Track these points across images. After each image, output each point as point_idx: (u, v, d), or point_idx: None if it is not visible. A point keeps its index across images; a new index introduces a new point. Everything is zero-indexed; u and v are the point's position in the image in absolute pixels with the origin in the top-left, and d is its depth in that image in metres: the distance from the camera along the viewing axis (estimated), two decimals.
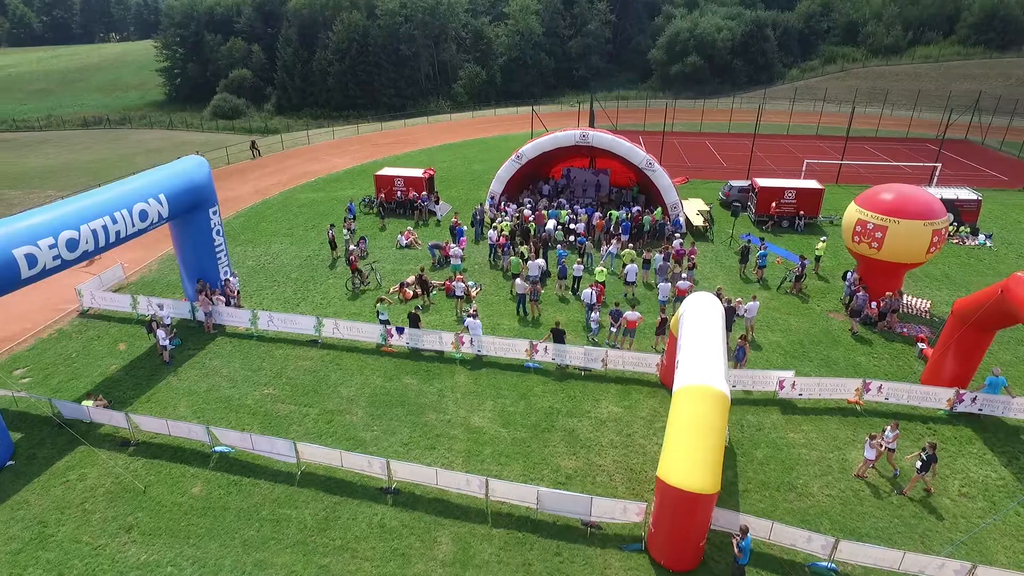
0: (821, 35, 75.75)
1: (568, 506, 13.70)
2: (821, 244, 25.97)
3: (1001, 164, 42.50)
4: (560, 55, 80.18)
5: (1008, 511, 14.04)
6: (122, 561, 12.99)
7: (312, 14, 75.59)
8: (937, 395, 17.35)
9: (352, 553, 13.19)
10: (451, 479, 14.35)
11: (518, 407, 17.84)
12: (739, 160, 44.51)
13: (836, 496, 14.66)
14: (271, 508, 14.31)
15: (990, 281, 25.32)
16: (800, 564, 12.90)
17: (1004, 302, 15.20)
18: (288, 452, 15.18)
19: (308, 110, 73.90)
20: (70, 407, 16.78)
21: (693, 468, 11.97)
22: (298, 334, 21.26)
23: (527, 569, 12.84)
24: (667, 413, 17.09)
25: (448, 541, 13.49)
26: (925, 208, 20.97)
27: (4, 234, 14.96)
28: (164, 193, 19.47)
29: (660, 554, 12.86)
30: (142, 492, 14.75)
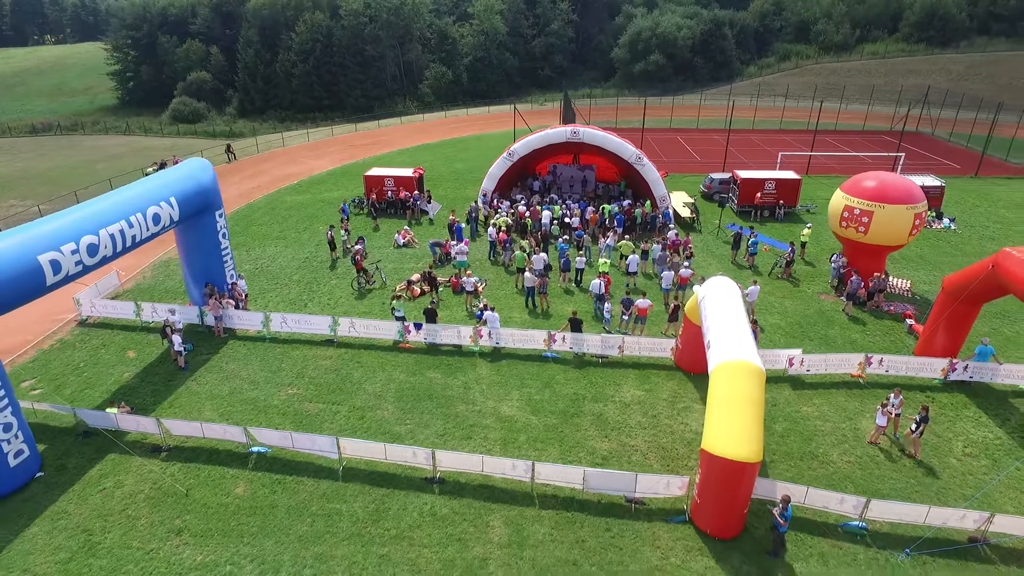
0: (775, 33, 78.66)
1: (614, 484, 14.30)
2: (806, 231, 27.33)
3: (952, 153, 45.17)
4: (524, 55, 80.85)
5: (1010, 469, 15.30)
6: (178, 563, 12.94)
7: (273, 15, 74.20)
8: (932, 365, 18.67)
9: (409, 541, 13.48)
10: (497, 465, 14.77)
11: (544, 395, 18.36)
12: (711, 154, 46.05)
13: (855, 462, 15.69)
14: (320, 504, 14.44)
15: (959, 260, 27.22)
16: (832, 524, 13.82)
17: (995, 276, 16.52)
18: (330, 448, 15.33)
19: (272, 112, 72.48)
20: (95, 415, 16.46)
21: (737, 439, 12.72)
22: (312, 334, 21.25)
23: (581, 545, 13.38)
24: (686, 394, 18.05)
25: (500, 524, 13.91)
26: (907, 193, 22.40)
27: (29, 240, 14.65)
28: (175, 196, 19.23)
29: (706, 523, 13.58)
30: (185, 495, 14.67)
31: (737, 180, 32.63)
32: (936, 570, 12.74)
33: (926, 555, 13.02)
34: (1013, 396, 18.17)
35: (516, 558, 13.06)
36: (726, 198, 32.68)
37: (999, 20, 70.38)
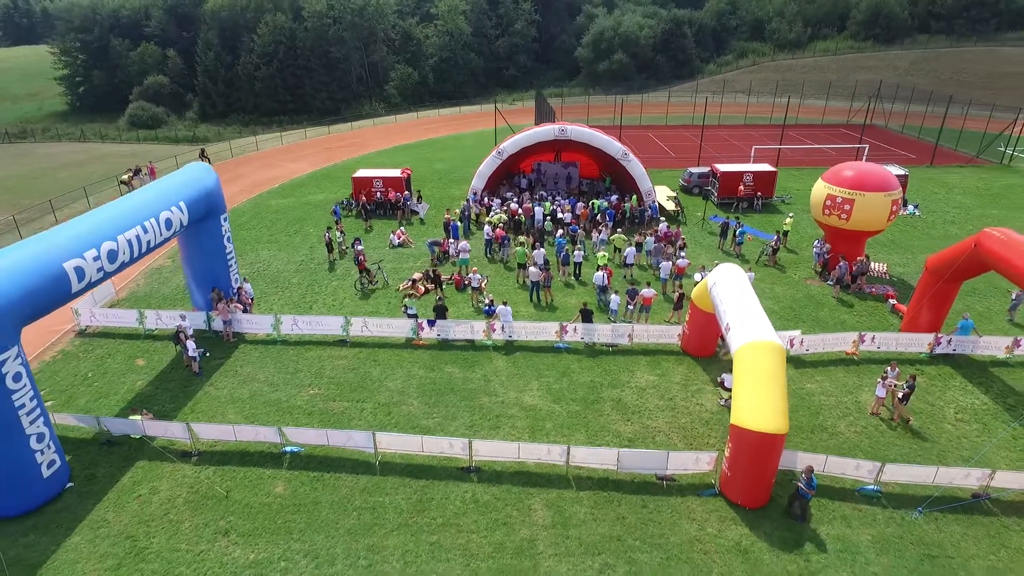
0: (732, 32, 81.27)
1: (646, 463, 15.01)
2: (788, 220, 28.69)
3: (906, 145, 47.77)
4: (489, 55, 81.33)
5: (1003, 434, 16.66)
6: (231, 563, 13.04)
7: (232, 16, 72.72)
8: (919, 340, 20.06)
9: (456, 528, 13.89)
10: (533, 451, 15.30)
11: (562, 384, 18.97)
12: (683, 150, 47.55)
13: (861, 432, 16.82)
14: (363, 498, 14.70)
15: (927, 243, 29.08)
16: (849, 489, 14.84)
17: (978, 254, 17.91)
18: (366, 443, 15.57)
19: (236, 116, 71.00)
20: (121, 423, 16.28)
21: (765, 412, 13.58)
22: (324, 335, 21.34)
23: (622, 522, 14.04)
24: (697, 377, 18.94)
25: (542, 507, 14.45)
26: (884, 182, 23.88)
27: (54, 247, 14.47)
28: (183, 200, 19.10)
29: (736, 495, 14.42)
30: (225, 497, 14.71)
31: (717, 173, 33.92)
32: (947, 524, 13.87)
33: (936, 512, 14.15)
34: (992, 366, 19.69)
35: (562, 537, 13.63)
36: (710, 191, 33.92)
37: (937, 19, 74.41)
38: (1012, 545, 13.35)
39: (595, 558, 13.12)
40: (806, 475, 13.89)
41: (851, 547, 13.32)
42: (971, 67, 67.73)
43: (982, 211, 33.58)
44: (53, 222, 33.17)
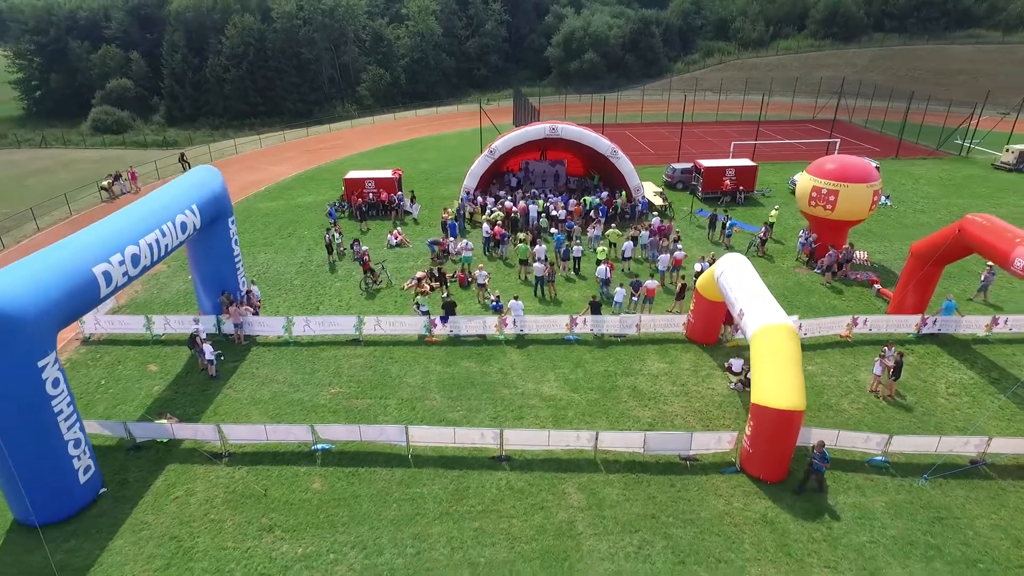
0: (697, 31, 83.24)
1: (671, 444, 15.74)
2: (774, 212, 29.92)
3: (871, 139, 49.91)
4: (460, 55, 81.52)
5: (994, 407, 17.93)
6: (280, 558, 13.26)
7: (198, 18, 71.32)
8: (907, 321, 21.33)
9: (497, 514, 14.37)
10: (562, 437, 15.87)
11: (577, 374, 19.59)
12: (661, 147, 48.73)
13: (863, 408, 17.89)
14: (400, 490, 15.04)
15: (901, 232, 30.73)
16: (859, 461, 15.83)
17: (961, 238, 19.19)
18: (399, 437, 15.93)
19: (205, 120, 69.66)
20: (149, 427, 16.28)
21: (783, 391, 14.43)
22: (336, 335, 21.52)
23: (653, 500, 14.72)
24: (705, 363, 19.80)
25: (575, 491, 15.03)
26: (865, 173, 25.21)
27: (83, 252, 14.44)
28: (196, 204, 19.06)
29: (757, 470, 15.25)
30: (263, 495, 14.88)
31: (700, 169, 35.04)
32: (951, 489, 14.95)
33: (940, 478, 15.23)
34: (974, 343, 21.07)
35: (599, 517, 14.24)
36: (696, 186, 35.01)
37: (891, 18, 77.65)
38: (1010, 504, 14.49)
39: (633, 535, 13.76)
40: (818, 449, 14.79)
41: (868, 514, 14.26)
42: (924, 64, 70.93)
43: (948, 200, 35.48)
44: (35, 230, 32.38)
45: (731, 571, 12.89)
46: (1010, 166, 40.74)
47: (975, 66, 68.87)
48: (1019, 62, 67.88)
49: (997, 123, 46.36)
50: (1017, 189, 37.25)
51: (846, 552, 13.30)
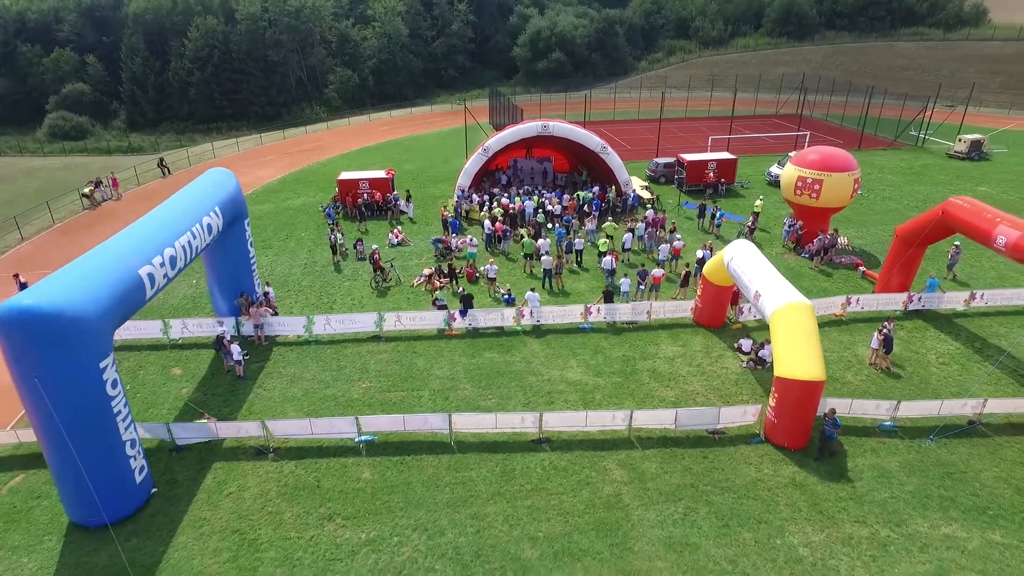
0: (659, 30, 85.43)
1: (701, 419, 16.75)
2: (759, 202, 31.44)
3: (833, 131, 52.40)
4: (427, 56, 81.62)
5: (982, 375, 19.56)
6: (345, 544, 13.68)
7: (158, 20, 69.56)
8: (895, 299, 22.94)
9: (546, 492, 15.08)
10: (599, 418, 16.71)
11: (597, 360, 20.45)
12: (637, 143, 50.11)
13: (865, 380, 19.27)
14: (450, 474, 15.60)
15: (873, 217, 32.71)
16: (870, 427, 17.14)
17: (945, 220, 20.82)
18: (442, 424, 16.48)
19: (169, 124, 68.03)
20: (193, 427, 16.40)
21: (805, 363, 15.58)
22: (356, 332, 21.83)
23: (690, 471, 15.68)
24: (716, 345, 20.93)
25: (616, 467, 15.87)
26: (846, 163, 26.83)
27: (129, 254, 14.51)
28: (218, 206, 19.15)
29: (781, 439, 16.36)
30: (317, 487, 15.22)
31: (684, 163, 36.43)
32: (954, 448, 16.36)
33: (943, 439, 16.64)
34: (954, 317, 22.80)
35: (643, 490, 15.11)
36: (683, 179, 36.35)
37: (841, 16, 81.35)
38: (1008, 458, 15.98)
39: (677, 504, 14.68)
40: (830, 417, 15.99)
41: (885, 473, 15.53)
42: (873, 60, 74.62)
43: (911, 188, 37.79)
44: (19, 240, 31.46)
45: (771, 531, 13.93)
46: (963, 155, 43.55)
47: (920, 62, 72.86)
48: (959, 58, 72.12)
49: (948, 116, 49.35)
50: (971, 176, 39.90)
51: (871, 508, 14.50)
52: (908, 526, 13.99)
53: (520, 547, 13.57)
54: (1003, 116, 58.57)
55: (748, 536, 13.79)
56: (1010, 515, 14.24)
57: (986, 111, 59.29)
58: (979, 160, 43.42)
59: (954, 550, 13.38)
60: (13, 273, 25.39)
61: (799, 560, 13.18)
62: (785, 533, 13.84)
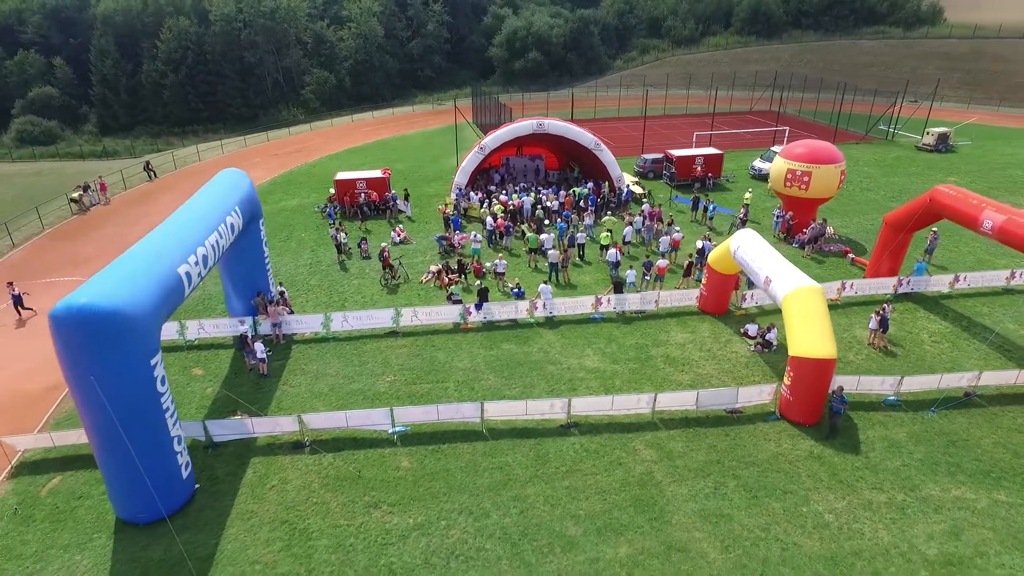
0: (632, 30, 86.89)
1: (720, 399, 17.58)
2: (748, 195, 32.58)
3: (807, 127, 54.20)
4: (403, 56, 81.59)
5: (971, 352, 20.86)
6: (395, 529, 14.09)
7: (128, 21, 68.18)
8: (885, 283, 24.20)
9: (581, 473, 15.71)
10: (624, 401, 17.41)
11: (612, 348, 21.16)
12: (618, 140, 50.97)
13: (866, 359, 20.38)
14: (486, 460, 16.11)
15: (854, 207, 34.24)
16: (876, 402, 18.20)
17: (932, 207, 22.09)
18: (474, 413, 16.99)
19: (143, 128, 66.76)
20: (230, 424, 16.58)
21: (817, 343, 16.52)
22: (373, 329, 22.14)
23: (714, 449, 16.48)
24: (723, 331, 21.84)
25: (644, 447, 16.58)
26: (832, 155, 28.12)
27: (167, 253, 14.66)
28: (238, 206, 19.30)
29: (796, 415, 17.29)
30: (358, 477, 15.58)
31: (672, 159, 37.48)
32: (955, 418, 17.51)
33: (943, 410, 17.78)
34: (940, 299, 24.16)
35: (672, 467, 15.85)
36: (674, 174, 37.36)
37: (807, 16, 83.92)
38: (1004, 425, 17.19)
39: (706, 479, 15.46)
40: (837, 394, 16.97)
41: (895, 444, 16.56)
42: (838, 58, 77.20)
43: (886, 179, 39.52)
44: (10, 246, 30.82)
45: (797, 500, 14.80)
46: (931, 147, 45.64)
47: (883, 59, 75.67)
48: (919, 56, 75.11)
49: (915, 111, 51.54)
50: (940, 167, 41.89)
51: (886, 475, 15.50)
52: (921, 490, 15.01)
53: (564, 525, 14.17)
54: (963, 110, 61.37)
55: (776, 505, 14.63)
56: (1011, 477, 15.38)
57: (947, 106, 61.97)
58: (946, 152, 45.56)
59: (965, 510, 14.44)
60: (7, 282, 24.92)
61: (826, 525, 14.07)
62: (810, 501, 14.73)
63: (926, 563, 13.11)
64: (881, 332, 20.74)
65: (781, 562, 13.17)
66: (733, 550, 13.47)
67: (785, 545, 13.55)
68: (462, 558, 13.35)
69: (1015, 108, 61.69)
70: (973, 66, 70.28)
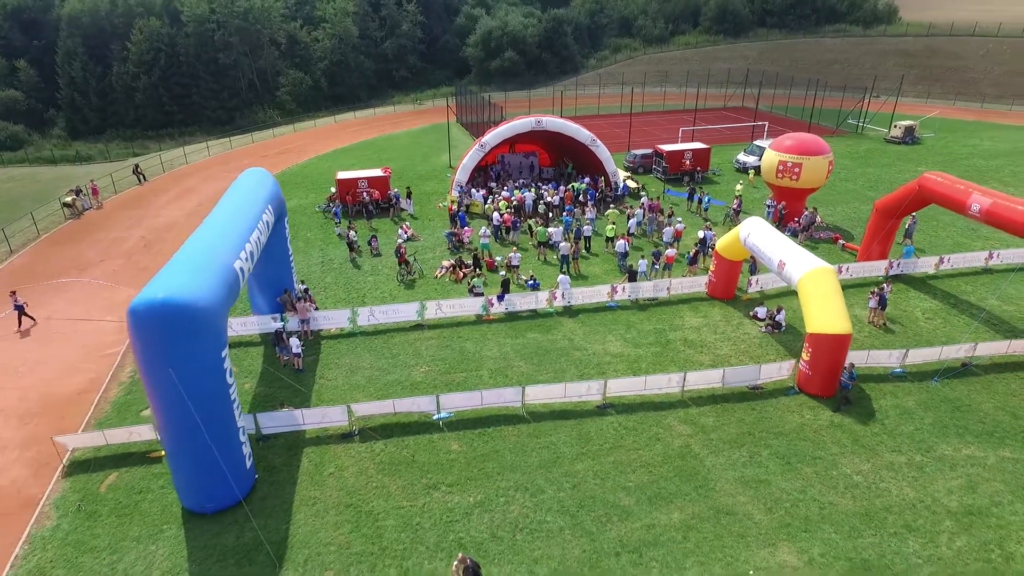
0: (603, 28, 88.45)
1: (744, 376, 18.69)
2: (739, 186, 34.02)
3: (781, 121, 56.24)
4: (377, 57, 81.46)
5: (964, 325, 22.48)
6: (456, 507, 14.73)
7: (96, 22, 66.52)
8: (877, 266, 25.78)
9: (623, 449, 16.58)
10: (656, 381, 18.36)
11: (632, 334, 22.13)
12: (603, 136, 51.98)
13: (868, 335, 21.81)
14: (533, 441, 16.85)
15: (835, 197, 36.00)
16: (884, 374, 19.56)
17: (921, 193, 23.68)
18: (515, 397, 17.72)
19: (115, 131, 65.23)
20: (280, 416, 16.93)
21: (833, 320, 17.78)
22: (399, 322, 22.63)
23: (743, 422, 17.56)
24: (733, 315, 23.05)
25: (678, 423, 17.56)
26: (820, 147, 29.67)
27: (223, 249, 14.99)
28: (270, 204, 19.60)
29: (815, 388, 18.50)
30: (412, 461, 16.15)
31: (663, 154, 38.76)
32: (956, 387, 18.97)
33: (944, 380, 19.24)
34: (927, 279, 25.84)
35: (707, 439, 16.87)
36: (667, 168, 38.61)
37: (771, 15, 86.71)
38: (999, 390, 18.72)
39: (740, 449, 16.51)
40: (848, 370, 18.27)
41: (906, 411, 17.90)
42: (803, 55, 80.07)
43: (861, 170, 41.58)
44: (8, 252, 30.19)
45: (827, 464, 15.96)
46: (899, 139, 48.07)
47: (845, 56, 78.75)
48: (879, 53, 78.43)
49: (882, 105, 54.07)
50: (909, 158, 44.21)
51: (902, 439, 16.79)
52: (936, 451, 16.35)
53: (616, 496, 15.02)
54: (923, 105, 64.46)
55: (808, 470, 15.77)
56: (1013, 436, 16.85)
57: (907, 100, 64.96)
58: (912, 144, 48.04)
59: (977, 466, 15.81)
60: (10, 291, 24.17)
61: (856, 485, 15.25)
62: (838, 465, 15.90)
63: (949, 514, 14.39)
64: (880, 310, 22.20)
65: (821, 519, 14.27)
66: (776, 511, 14.53)
67: (822, 504, 14.67)
68: (526, 531, 14.08)
69: (970, 102, 65.10)
70: (930, 62, 73.82)
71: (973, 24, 76.96)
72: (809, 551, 13.47)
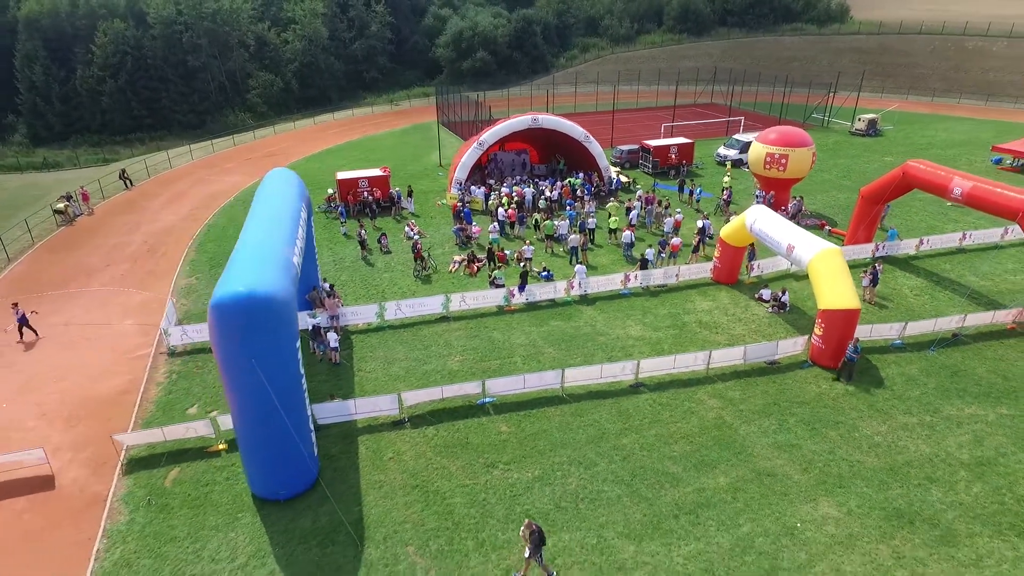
0: (571, 28, 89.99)
1: (764, 352, 20.04)
2: (727, 178, 35.66)
3: (751, 116, 58.57)
4: (347, 58, 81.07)
5: (949, 301, 24.39)
6: (518, 483, 15.55)
7: (57, 25, 64.34)
8: (864, 249, 27.62)
9: (662, 423, 17.67)
10: (684, 360, 19.53)
11: (648, 319, 23.29)
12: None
13: (867, 313, 23.40)
14: (577, 420, 17.78)
15: (813, 187, 38.02)
16: (885, 347, 21.20)
17: (905, 180, 25.54)
18: (554, 380, 18.63)
19: (81, 137, 63.30)
20: (334, 407, 17.44)
21: (843, 296, 19.26)
22: (424, 315, 23.26)
23: (766, 394, 18.88)
24: (740, 298, 24.48)
25: (708, 397, 18.77)
26: (804, 139, 31.51)
27: (279, 243, 15.46)
28: (303, 203, 20.00)
29: (827, 361, 19.96)
30: (466, 443, 16.89)
31: (649, 148, 40.21)
32: (951, 355, 20.72)
33: (940, 349, 20.99)
34: (910, 260, 27.82)
35: (738, 410, 18.11)
36: (657, 162, 40.04)
37: (732, 14, 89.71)
38: (989, 356, 20.55)
39: (769, 418, 17.80)
40: (853, 344, 19.80)
41: (911, 379, 19.53)
42: (764, 53, 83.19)
43: (833, 161, 43.89)
44: (6, 260, 29.48)
45: (848, 427, 17.38)
46: (863, 132, 50.82)
47: (803, 53, 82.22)
48: (834, 51, 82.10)
49: (844, 100, 56.92)
50: (876, 149, 46.87)
51: (911, 403, 18.37)
52: (942, 412, 17.96)
53: (664, 464, 16.09)
54: (879, 99, 67.94)
55: (833, 434, 17.15)
56: (1007, 395, 18.61)
57: (864, 95, 68.31)
58: (876, 136, 50.86)
59: (980, 423, 17.46)
60: (12, 303, 23.44)
61: (877, 445, 16.69)
62: (859, 428, 17.34)
63: (963, 465, 15.94)
64: (872, 287, 23.91)
65: (852, 475, 15.63)
66: (811, 471, 15.83)
67: (851, 463, 16.05)
68: (587, 500, 15.01)
69: (921, 96, 68.96)
70: (882, 59, 77.71)
71: (920, 23, 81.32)
72: (847, 504, 14.79)
